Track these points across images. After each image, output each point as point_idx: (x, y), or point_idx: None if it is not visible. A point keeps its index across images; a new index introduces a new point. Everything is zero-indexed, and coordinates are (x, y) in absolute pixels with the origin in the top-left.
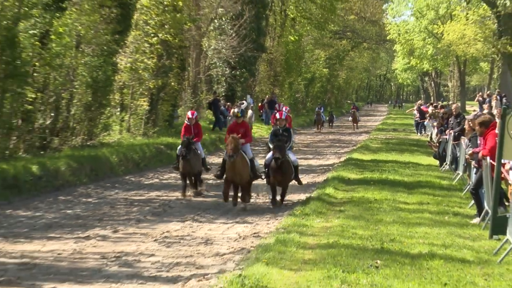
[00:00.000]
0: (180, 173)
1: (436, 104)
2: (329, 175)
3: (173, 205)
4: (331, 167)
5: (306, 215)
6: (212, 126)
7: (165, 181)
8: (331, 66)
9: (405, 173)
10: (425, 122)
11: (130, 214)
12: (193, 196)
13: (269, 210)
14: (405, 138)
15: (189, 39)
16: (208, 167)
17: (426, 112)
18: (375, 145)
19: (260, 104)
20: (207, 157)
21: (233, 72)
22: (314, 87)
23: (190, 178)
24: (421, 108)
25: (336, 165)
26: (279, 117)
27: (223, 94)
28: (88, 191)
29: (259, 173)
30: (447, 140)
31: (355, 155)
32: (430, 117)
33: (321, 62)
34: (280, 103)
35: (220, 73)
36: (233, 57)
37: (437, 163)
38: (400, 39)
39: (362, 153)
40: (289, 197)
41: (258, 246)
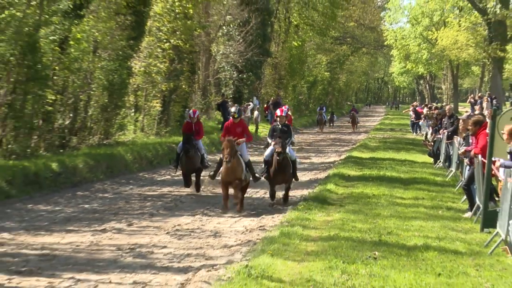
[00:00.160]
0: (181, 170)
1: (430, 106)
2: (330, 172)
3: (184, 200)
4: (332, 164)
5: (308, 210)
6: (220, 126)
7: (176, 178)
8: (332, 70)
9: (402, 170)
10: (420, 122)
11: (143, 209)
12: (195, 192)
13: (273, 206)
14: (401, 138)
15: (199, 44)
16: (207, 164)
17: (421, 113)
18: (373, 144)
19: (265, 105)
20: (213, 155)
21: (240, 76)
22: (316, 89)
23: (190, 175)
24: (417, 109)
25: (337, 162)
26: (279, 113)
27: (231, 96)
28: (104, 187)
29: (258, 174)
30: (441, 139)
31: (355, 153)
32: (425, 117)
33: (322, 66)
34: (285, 105)
35: (228, 76)
36: (240, 61)
37: (431, 160)
38: (396, 45)
39: (361, 152)
40: (292, 193)
41: (264, 239)
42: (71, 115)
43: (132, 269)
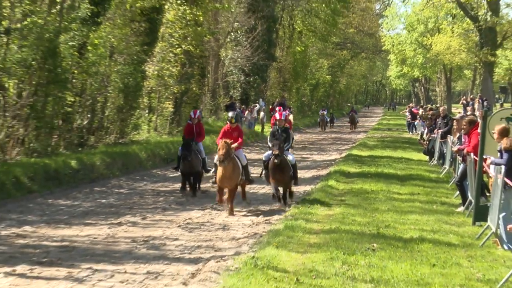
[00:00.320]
0: (181, 174)
1: (425, 107)
2: (331, 169)
3: (199, 194)
4: (333, 162)
5: (311, 204)
6: None
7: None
8: (333, 73)
9: (398, 167)
10: (416, 123)
11: (157, 203)
12: (191, 196)
13: (277, 201)
14: (398, 137)
15: (208, 49)
16: (208, 168)
17: (416, 113)
18: (372, 142)
19: (271, 107)
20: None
21: (247, 79)
22: (318, 91)
23: (190, 178)
24: (412, 110)
25: (338, 160)
26: (278, 117)
27: (239, 98)
28: (120, 183)
29: (251, 178)
30: (435, 139)
31: (354, 152)
32: (420, 118)
33: (324, 70)
34: (290, 107)
35: (236, 79)
36: (247, 65)
37: (426, 158)
38: (393, 50)
39: (360, 150)
40: (296, 189)
41: (269, 231)
42: (89, 115)
43: (146, 259)
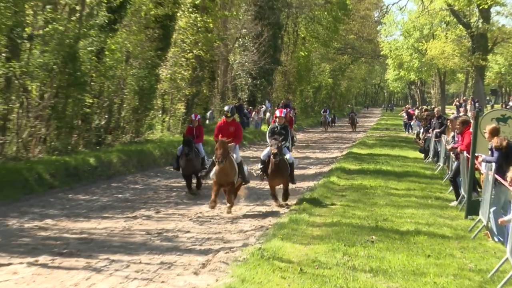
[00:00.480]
0: (182, 173)
1: (421, 108)
2: (333, 166)
3: (205, 191)
4: (334, 159)
5: (314, 199)
6: None
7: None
8: (334, 76)
9: (396, 165)
10: (412, 123)
11: (169, 198)
12: (192, 194)
13: (282, 196)
14: (395, 136)
15: (218, 54)
16: (206, 167)
17: (412, 114)
18: (371, 141)
19: (276, 108)
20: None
21: (254, 82)
22: (320, 94)
23: (191, 177)
24: (409, 111)
25: (339, 158)
26: (278, 114)
27: (246, 99)
28: (135, 179)
29: (247, 178)
30: (431, 138)
31: (355, 150)
32: (416, 118)
33: (326, 73)
34: (294, 108)
35: (243, 82)
36: (254, 69)
37: (422, 156)
38: (391, 55)
39: (360, 148)
40: (300, 184)
41: (275, 224)
42: (106, 116)
43: (159, 251)
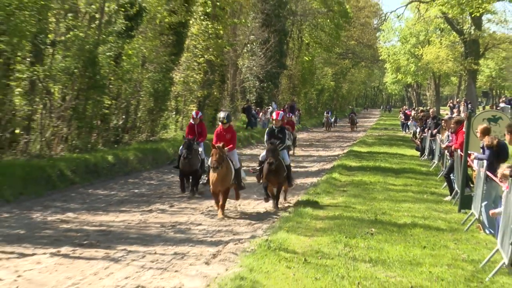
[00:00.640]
0: (179, 172)
1: (417, 109)
2: (335, 163)
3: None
4: (336, 157)
5: (317, 194)
6: (245, 126)
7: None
8: (336, 80)
9: (393, 162)
10: (409, 123)
11: (182, 193)
12: (190, 195)
13: (288, 191)
14: (393, 135)
15: (228, 59)
16: (206, 170)
17: (409, 115)
18: (370, 140)
19: (282, 109)
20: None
21: (261, 84)
22: (323, 96)
23: (188, 177)
24: (406, 112)
25: (340, 155)
26: (275, 117)
27: (254, 101)
28: (150, 175)
29: (243, 184)
30: (426, 137)
31: (355, 148)
32: (412, 119)
33: (329, 77)
34: (299, 109)
35: (251, 85)
36: (262, 73)
37: (418, 154)
38: (389, 59)
39: (360, 147)
40: (303, 180)
41: (281, 218)
42: (123, 116)
43: (173, 242)
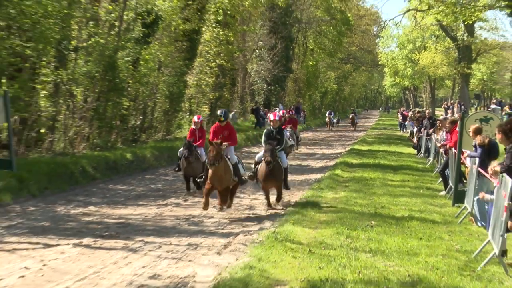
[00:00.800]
0: (183, 174)
1: (414, 110)
2: (337, 160)
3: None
4: (338, 155)
5: (321, 189)
6: (254, 125)
7: None
8: (339, 83)
9: (392, 159)
10: (406, 123)
11: (196, 188)
12: (194, 196)
13: (293, 186)
14: (391, 134)
15: (238, 63)
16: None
17: (406, 115)
18: (370, 139)
19: (288, 110)
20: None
21: (269, 87)
22: (327, 98)
23: (189, 180)
24: (403, 113)
25: (342, 153)
26: (273, 118)
27: (262, 103)
28: (166, 171)
29: (244, 177)
30: (422, 136)
31: (356, 146)
32: (409, 119)
33: (331, 80)
34: (304, 110)
35: (259, 88)
36: (269, 76)
37: (415, 152)
38: (388, 64)
39: (361, 145)
40: (308, 176)
41: (287, 211)
42: (141, 117)
43: (187, 234)
